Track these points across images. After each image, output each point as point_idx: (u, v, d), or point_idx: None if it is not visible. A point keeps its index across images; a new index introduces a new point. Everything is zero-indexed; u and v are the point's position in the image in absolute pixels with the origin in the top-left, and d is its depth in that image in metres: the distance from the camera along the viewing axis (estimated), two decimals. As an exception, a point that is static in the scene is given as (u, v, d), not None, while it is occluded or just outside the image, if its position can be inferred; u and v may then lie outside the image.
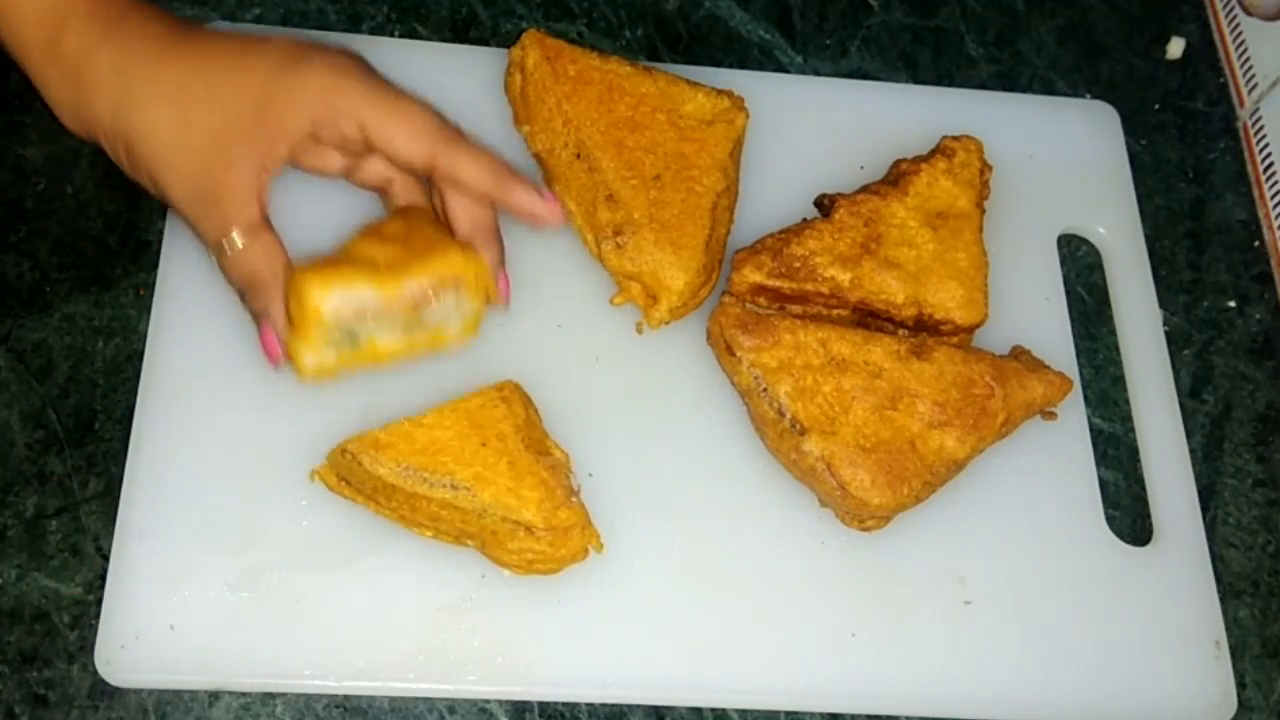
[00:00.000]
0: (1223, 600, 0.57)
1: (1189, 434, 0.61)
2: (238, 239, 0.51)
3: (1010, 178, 0.64)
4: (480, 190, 0.52)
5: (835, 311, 0.58)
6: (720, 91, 0.59)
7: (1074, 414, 0.60)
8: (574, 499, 0.51)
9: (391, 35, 0.66)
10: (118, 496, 0.52)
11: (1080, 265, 0.65)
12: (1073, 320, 0.63)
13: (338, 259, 0.51)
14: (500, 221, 0.55)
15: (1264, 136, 0.69)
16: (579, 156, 0.57)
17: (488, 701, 0.52)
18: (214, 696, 0.51)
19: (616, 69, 0.59)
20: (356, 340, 0.51)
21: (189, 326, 0.55)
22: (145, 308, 0.56)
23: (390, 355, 0.52)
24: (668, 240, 0.56)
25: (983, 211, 0.60)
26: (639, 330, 0.58)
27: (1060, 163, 0.66)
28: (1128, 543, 0.58)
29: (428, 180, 0.55)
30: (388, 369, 0.53)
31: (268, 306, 0.51)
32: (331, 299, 0.49)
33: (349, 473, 0.52)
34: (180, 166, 0.50)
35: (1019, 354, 0.59)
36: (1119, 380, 0.62)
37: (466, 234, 0.53)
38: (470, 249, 0.53)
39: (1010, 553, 0.56)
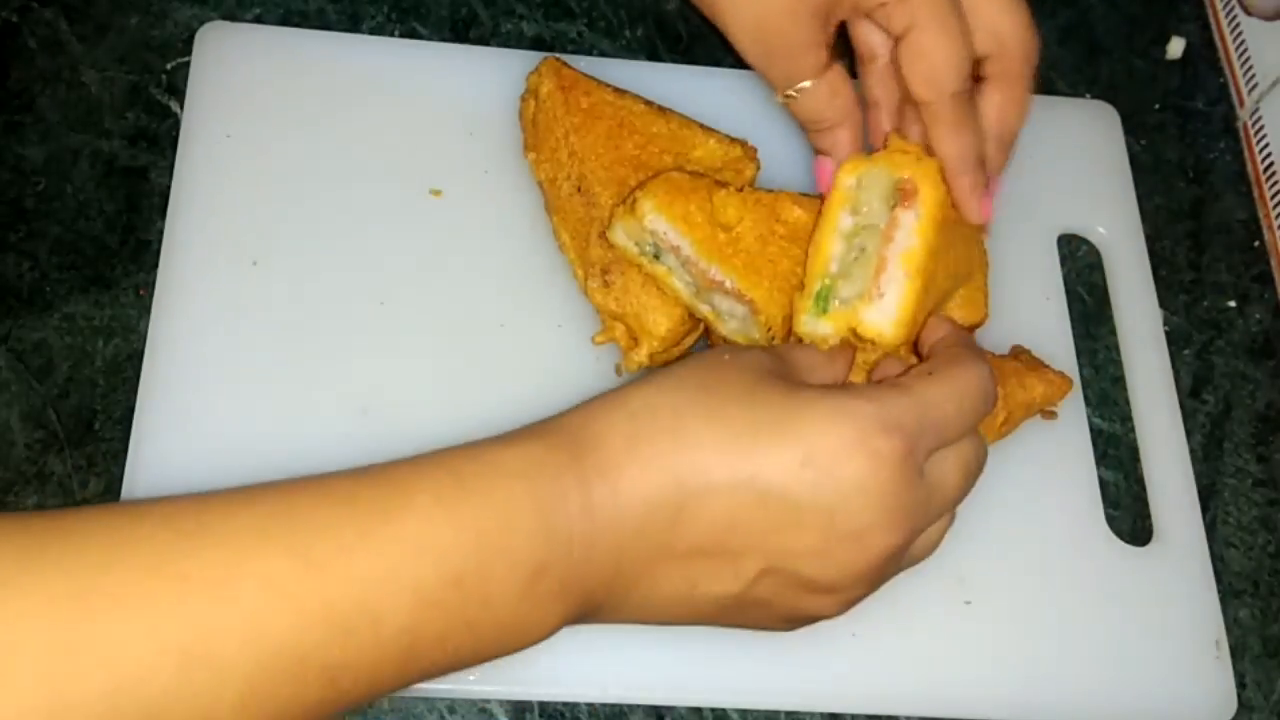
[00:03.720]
0: (1223, 600, 0.57)
1: (1189, 434, 0.61)
2: (805, 85, 0.53)
3: (1010, 178, 0.64)
4: (955, 155, 0.51)
5: (835, 311, 0.57)
6: (733, 140, 0.57)
7: (1074, 414, 0.60)
8: None
9: (391, 35, 0.66)
10: (118, 496, 0.52)
11: (1080, 265, 0.65)
12: (1073, 320, 0.63)
13: (710, 192, 0.52)
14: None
15: (1264, 136, 0.69)
16: (579, 190, 0.56)
17: (488, 701, 0.52)
18: (214, 696, 0.51)
19: (630, 106, 0.57)
20: (655, 258, 0.52)
21: (189, 326, 0.55)
22: (145, 308, 0.56)
23: (670, 292, 0.53)
24: (655, 284, 0.54)
25: (983, 211, 0.60)
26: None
27: (1060, 163, 0.66)
28: (1128, 543, 0.58)
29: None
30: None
31: (832, 142, 0.54)
32: (658, 219, 0.51)
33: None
34: (745, 20, 0.52)
35: (1019, 354, 0.59)
36: (1119, 380, 0.62)
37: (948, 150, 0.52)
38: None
39: (1010, 553, 0.56)
